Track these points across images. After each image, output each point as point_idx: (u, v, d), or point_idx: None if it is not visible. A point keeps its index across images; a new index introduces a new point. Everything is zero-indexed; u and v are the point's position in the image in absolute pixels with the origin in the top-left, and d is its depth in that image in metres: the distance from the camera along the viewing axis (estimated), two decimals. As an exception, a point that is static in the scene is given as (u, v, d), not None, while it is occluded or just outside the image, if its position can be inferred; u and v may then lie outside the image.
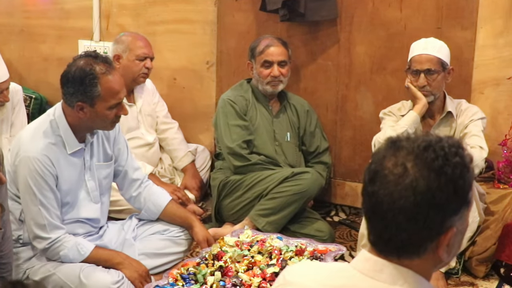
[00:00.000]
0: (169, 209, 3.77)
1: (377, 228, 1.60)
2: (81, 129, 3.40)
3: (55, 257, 3.37)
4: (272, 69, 4.40)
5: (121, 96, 3.33)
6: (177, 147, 4.96)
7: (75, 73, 3.26)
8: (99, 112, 3.29)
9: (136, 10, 5.26)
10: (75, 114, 3.32)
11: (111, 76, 3.29)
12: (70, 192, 3.44)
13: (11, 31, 5.73)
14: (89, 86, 3.24)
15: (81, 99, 3.27)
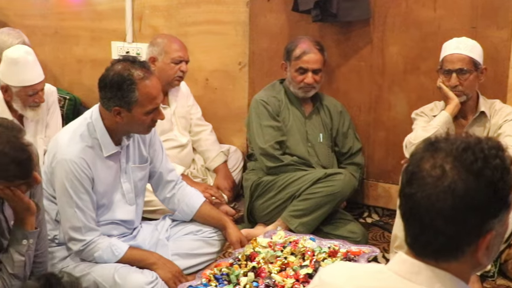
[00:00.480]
0: (203, 210, 3.78)
1: (414, 231, 1.59)
2: (118, 133, 3.42)
3: (89, 258, 3.40)
4: (306, 76, 4.38)
5: (158, 101, 3.33)
6: (210, 147, 4.96)
7: (113, 78, 3.27)
8: (136, 117, 3.31)
9: (169, 11, 5.28)
10: (112, 118, 3.33)
11: (148, 81, 3.29)
12: (105, 195, 3.47)
13: (46, 33, 5.77)
14: (127, 92, 3.25)
15: (119, 104, 3.28)
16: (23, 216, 2.86)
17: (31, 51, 4.19)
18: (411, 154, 1.64)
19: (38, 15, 5.77)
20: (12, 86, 4.10)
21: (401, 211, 1.62)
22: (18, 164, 2.65)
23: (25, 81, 4.08)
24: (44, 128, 4.45)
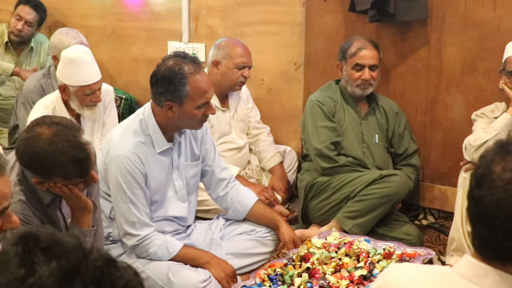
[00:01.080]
0: (256, 210, 3.77)
1: (482, 234, 1.55)
2: (170, 128, 3.44)
3: (144, 254, 3.42)
4: (363, 72, 4.36)
5: (209, 96, 3.35)
6: (266, 148, 4.97)
7: (164, 73, 3.31)
8: (187, 111, 3.33)
9: (225, 11, 5.29)
10: (164, 113, 3.36)
11: (199, 76, 3.32)
12: (158, 191, 3.49)
13: (103, 33, 5.84)
14: (178, 86, 3.28)
15: (170, 99, 3.31)
16: (80, 215, 2.89)
17: (88, 51, 4.23)
18: (481, 156, 1.61)
19: (96, 16, 5.84)
20: (70, 86, 4.14)
21: (468, 213, 1.59)
22: (77, 163, 2.68)
23: (82, 80, 4.12)
24: (101, 127, 4.49)
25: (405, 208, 4.69)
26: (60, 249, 1.30)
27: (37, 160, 2.67)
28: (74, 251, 1.30)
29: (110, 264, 1.33)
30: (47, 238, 1.31)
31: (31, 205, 2.84)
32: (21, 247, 1.30)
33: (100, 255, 1.33)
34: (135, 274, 1.38)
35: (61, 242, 1.31)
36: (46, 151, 2.64)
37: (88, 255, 1.31)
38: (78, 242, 1.33)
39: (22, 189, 2.81)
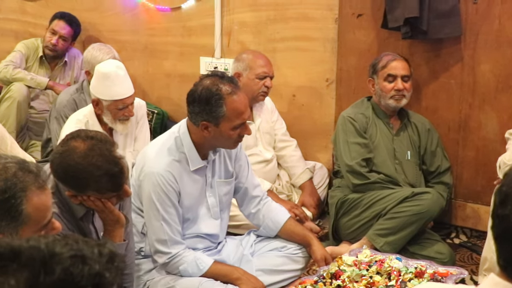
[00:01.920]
0: (288, 227, 3.75)
1: (507, 253, 1.54)
2: (205, 147, 3.44)
3: (174, 271, 3.42)
4: (396, 83, 4.35)
5: (245, 117, 3.34)
6: (295, 164, 4.96)
7: (202, 92, 3.30)
8: (223, 132, 3.32)
9: (257, 27, 5.31)
10: (200, 133, 3.36)
11: (236, 96, 3.31)
12: (191, 208, 3.49)
13: (136, 48, 5.88)
14: (215, 107, 3.27)
15: (206, 119, 3.30)
16: (113, 228, 2.91)
17: (122, 66, 4.27)
18: (504, 174, 1.60)
19: (129, 31, 5.88)
20: (103, 100, 4.17)
21: (493, 232, 1.58)
22: (110, 177, 2.70)
23: (115, 95, 4.15)
24: (133, 141, 4.52)
25: (437, 226, 4.65)
26: (18, 263, 1.28)
27: (72, 174, 2.69)
28: (31, 263, 1.29)
29: (75, 264, 1.32)
30: (5, 252, 1.31)
31: (64, 218, 2.85)
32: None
33: (63, 254, 1.32)
34: (108, 261, 1.36)
35: (18, 253, 1.29)
36: (80, 165, 2.66)
37: (48, 262, 1.30)
38: (39, 248, 1.31)
39: (56, 202, 2.82)
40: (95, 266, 1.31)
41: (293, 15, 5.15)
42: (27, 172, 2.02)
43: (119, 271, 1.37)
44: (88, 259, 1.32)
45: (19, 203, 1.97)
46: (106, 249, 1.37)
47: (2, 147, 3.76)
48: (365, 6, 4.84)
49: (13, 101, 5.56)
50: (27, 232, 1.99)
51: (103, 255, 1.35)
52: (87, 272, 1.30)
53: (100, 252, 1.35)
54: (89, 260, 1.32)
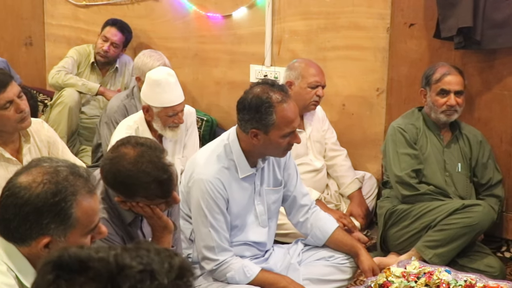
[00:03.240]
0: (336, 236, 3.73)
1: None
2: (254, 155, 3.44)
3: (221, 278, 3.42)
4: (448, 98, 4.30)
5: (295, 125, 3.33)
6: (345, 173, 4.93)
7: (252, 100, 3.30)
8: (272, 140, 3.32)
9: (308, 36, 5.30)
10: (249, 140, 3.36)
11: (286, 104, 3.30)
12: (239, 216, 3.49)
13: (186, 55, 5.91)
14: (265, 114, 3.27)
15: (256, 126, 3.30)
16: (161, 234, 2.92)
17: (173, 73, 4.28)
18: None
19: (179, 38, 5.91)
20: (153, 107, 4.20)
21: None
22: (160, 184, 2.72)
23: (166, 102, 4.17)
24: (182, 148, 4.53)
25: (487, 239, 4.58)
26: (85, 276, 1.30)
27: (121, 180, 2.72)
28: (98, 278, 1.30)
29: (143, 279, 1.32)
30: (74, 264, 1.32)
31: (113, 224, 2.88)
32: (51, 277, 1.32)
33: (132, 269, 1.31)
34: (177, 277, 1.35)
35: (87, 266, 1.31)
36: (130, 171, 2.68)
37: (117, 276, 1.30)
38: (107, 261, 1.32)
39: (105, 207, 2.85)
40: (163, 282, 1.31)
41: (344, 23, 5.13)
42: (77, 176, 2.04)
43: (189, 287, 1.37)
44: (157, 273, 1.32)
45: (69, 206, 1.99)
46: (176, 261, 1.37)
47: (54, 152, 3.81)
48: (418, 16, 4.80)
49: (64, 107, 5.62)
50: (75, 236, 2.01)
51: (172, 270, 1.35)
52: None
53: (170, 266, 1.35)
54: (158, 275, 1.32)
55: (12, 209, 2.00)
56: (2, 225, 2.04)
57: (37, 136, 3.75)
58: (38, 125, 3.81)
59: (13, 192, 2.01)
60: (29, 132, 3.68)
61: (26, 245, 2.02)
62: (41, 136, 3.77)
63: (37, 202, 1.98)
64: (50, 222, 1.99)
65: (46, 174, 2.02)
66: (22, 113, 3.51)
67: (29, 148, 3.68)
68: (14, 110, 3.48)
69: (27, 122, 3.57)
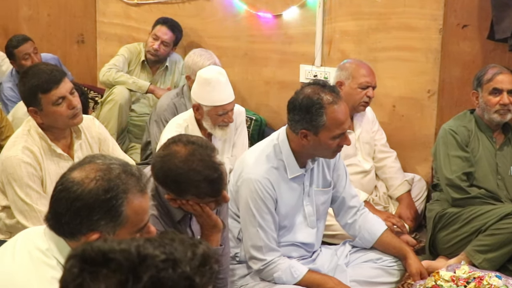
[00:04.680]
0: (384, 238, 3.72)
1: None
2: (303, 155, 3.43)
3: (268, 278, 3.43)
4: (501, 97, 4.24)
5: (345, 127, 3.32)
6: (394, 175, 4.89)
7: (302, 101, 3.29)
8: (322, 141, 3.31)
9: (359, 36, 5.27)
10: (299, 141, 3.35)
11: (337, 106, 3.29)
12: (287, 216, 3.49)
13: (236, 55, 5.91)
14: (315, 115, 3.26)
15: (306, 127, 3.30)
16: (210, 233, 2.93)
17: (223, 72, 4.30)
18: None
19: (230, 37, 5.92)
20: (204, 105, 4.21)
21: None
22: (210, 182, 2.73)
23: (216, 101, 4.19)
24: (231, 147, 4.54)
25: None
26: (108, 268, 1.32)
27: (172, 178, 2.73)
28: (120, 269, 1.31)
29: (165, 268, 1.32)
30: (97, 257, 1.34)
31: (163, 221, 2.89)
32: (76, 270, 1.34)
33: (155, 258, 1.33)
34: (200, 265, 1.35)
35: (109, 258, 1.33)
36: (181, 169, 2.70)
37: (138, 266, 1.32)
38: (129, 252, 1.34)
39: (155, 205, 2.87)
40: (186, 269, 1.32)
41: (396, 24, 5.09)
42: (129, 175, 2.05)
43: (212, 274, 1.38)
44: (179, 262, 1.33)
45: (120, 204, 2.01)
46: (200, 249, 1.38)
47: (104, 149, 3.84)
48: (471, 17, 4.75)
49: (114, 104, 5.66)
50: (124, 234, 2.02)
51: (196, 257, 1.36)
52: (177, 277, 1.31)
53: (193, 254, 1.36)
54: (181, 264, 1.33)
55: (64, 203, 2.03)
56: (54, 219, 2.07)
57: (88, 132, 3.79)
58: (89, 121, 3.85)
59: (66, 186, 2.04)
60: (81, 129, 3.72)
61: (75, 240, 2.05)
62: (92, 132, 3.81)
63: (89, 198, 2.00)
64: (100, 218, 2.01)
65: (99, 171, 2.04)
66: (74, 110, 3.55)
67: (80, 144, 3.72)
68: (66, 106, 3.52)
69: (78, 119, 3.61)
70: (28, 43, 5.79)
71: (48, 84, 3.48)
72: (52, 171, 3.57)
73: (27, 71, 3.64)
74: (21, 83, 3.63)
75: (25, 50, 5.74)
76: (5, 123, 4.74)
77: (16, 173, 3.49)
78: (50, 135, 3.60)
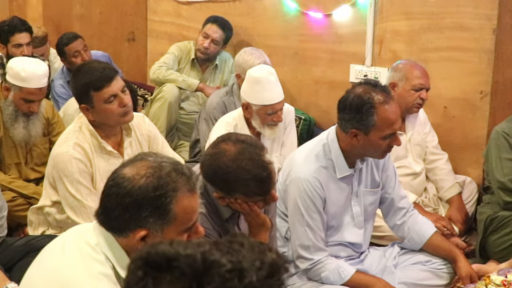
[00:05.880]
0: (433, 241, 3.68)
1: None
2: (353, 155, 3.41)
3: (316, 278, 3.42)
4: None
5: (395, 127, 3.29)
6: (445, 177, 4.83)
7: (353, 100, 3.27)
8: (372, 141, 3.29)
9: (410, 36, 5.22)
10: (348, 140, 3.33)
11: (388, 106, 3.26)
12: (335, 216, 3.48)
13: (286, 54, 5.90)
14: (366, 115, 3.24)
15: (356, 127, 3.28)
16: (257, 232, 2.93)
17: (273, 71, 4.29)
18: None
19: (280, 36, 5.91)
20: (253, 104, 4.21)
21: None
22: (259, 181, 2.72)
23: (266, 100, 4.18)
24: (280, 146, 4.54)
25: None
26: (171, 275, 1.31)
27: (221, 176, 2.74)
28: (183, 277, 1.30)
29: (230, 278, 1.30)
30: (161, 262, 1.33)
31: (211, 219, 2.90)
32: (140, 273, 1.34)
33: (221, 268, 1.31)
34: (267, 276, 1.33)
35: (173, 265, 1.32)
36: (230, 168, 2.70)
37: (202, 275, 1.30)
38: (194, 259, 1.32)
39: (203, 203, 2.87)
40: (252, 280, 1.30)
41: (449, 24, 5.03)
42: (180, 174, 2.06)
43: (279, 286, 1.35)
44: (246, 272, 1.31)
45: (169, 202, 2.02)
46: (268, 258, 1.35)
47: (154, 146, 3.87)
48: (526, 17, 4.68)
49: (164, 102, 5.70)
50: (171, 232, 2.03)
51: (263, 268, 1.33)
52: (242, 287, 1.29)
53: (261, 263, 1.33)
54: (247, 273, 1.31)
55: (114, 198, 2.04)
56: (104, 214, 2.08)
57: (138, 130, 3.82)
58: (140, 119, 3.87)
59: (116, 182, 2.06)
60: (131, 126, 3.75)
61: (124, 236, 2.06)
62: (142, 130, 3.84)
63: (138, 194, 2.02)
64: (149, 215, 2.02)
65: (150, 168, 2.05)
66: (125, 107, 3.58)
67: (130, 141, 3.75)
68: (117, 104, 3.55)
69: (129, 117, 3.64)
70: (78, 40, 5.85)
71: (100, 82, 3.51)
72: (102, 168, 3.61)
73: (80, 68, 3.68)
74: (73, 80, 3.67)
75: (75, 47, 5.80)
76: (57, 119, 4.79)
77: (67, 169, 3.54)
78: (100, 132, 3.63)
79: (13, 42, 5.60)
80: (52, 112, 4.78)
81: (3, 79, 4.52)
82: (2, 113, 4.48)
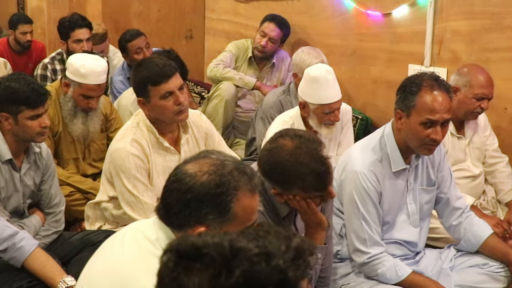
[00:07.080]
0: (490, 243, 3.62)
1: None
2: (405, 148, 3.37)
3: (372, 273, 3.39)
4: None
5: (435, 116, 3.22)
6: (504, 180, 4.75)
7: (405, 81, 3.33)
8: (412, 126, 3.26)
9: (471, 36, 5.15)
10: (396, 125, 3.35)
11: (434, 92, 3.23)
12: (390, 212, 3.45)
13: (344, 53, 5.89)
14: (408, 93, 3.27)
15: (400, 107, 3.30)
16: (314, 231, 2.92)
17: (331, 71, 4.27)
18: None
19: (338, 35, 5.90)
20: (310, 103, 4.20)
21: None
22: (316, 176, 2.71)
23: (323, 99, 4.17)
24: (336, 146, 4.52)
25: None
26: (201, 262, 1.33)
27: (278, 171, 2.73)
28: (213, 263, 1.32)
29: (258, 262, 1.32)
30: (190, 251, 1.35)
31: (269, 216, 2.90)
32: (172, 264, 1.37)
33: (248, 252, 1.33)
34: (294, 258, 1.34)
35: (202, 253, 1.34)
36: (288, 162, 2.70)
37: (231, 261, 1.32)
38: (222, 246, 1.34)
39: (261, 200, 2.86)
40: (279, 263, 1.33)
41: (510, 24, 4.95)
42: (242, 173, 2.07)
43: (306, 268, 1.37)
44: (272, 255, 1.34)
45: (229, 200, 2.03)
46: (294, 243, 1.38)
47: (210, 144, 3.88)
48: None
49: (221, 99, 5.73)
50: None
51: (289, 251, 1.36)
52: (270, 270, 1.31)
53: (287, 247, 1.36)
54: (274, 257, 1.34)
55: (176, 194, 2.06)
56: (164, 209, 2.10)
57: (195, 127, 3.83)
58: (197, 116, 3.89)
59: (179, 178, 2.07)
60: (188, 123, 3.77)
61: (183, 232, 2.07)
62: (199, 127, 3.86)
63: (200, 190, 2.03)
64: (209, 212, 2.03)
65: (213, 165, 2.07)
66: (180, 106, 3.59)
67: (187, 138, 3.77)
68: (173, 101, 3.57)
69: (183, 116, 3.65)
70: (141, 37, 5.91)
71: (158, 77, 3.54)
72: (158, 164, 3.64)
73: (141, 62, 3.73)
74: (133, 72, 3.72)
75: (138, 44, 5.86)
76: (115, 115, 4.84)
77: (124, 165, 3.57)
78: (158, 129, 3.66)
79: (73, 38, 5.68)
80: (110, 108, 4.84)
81: (63, 75, 4.58)
82: (61, 109, 4.54)
